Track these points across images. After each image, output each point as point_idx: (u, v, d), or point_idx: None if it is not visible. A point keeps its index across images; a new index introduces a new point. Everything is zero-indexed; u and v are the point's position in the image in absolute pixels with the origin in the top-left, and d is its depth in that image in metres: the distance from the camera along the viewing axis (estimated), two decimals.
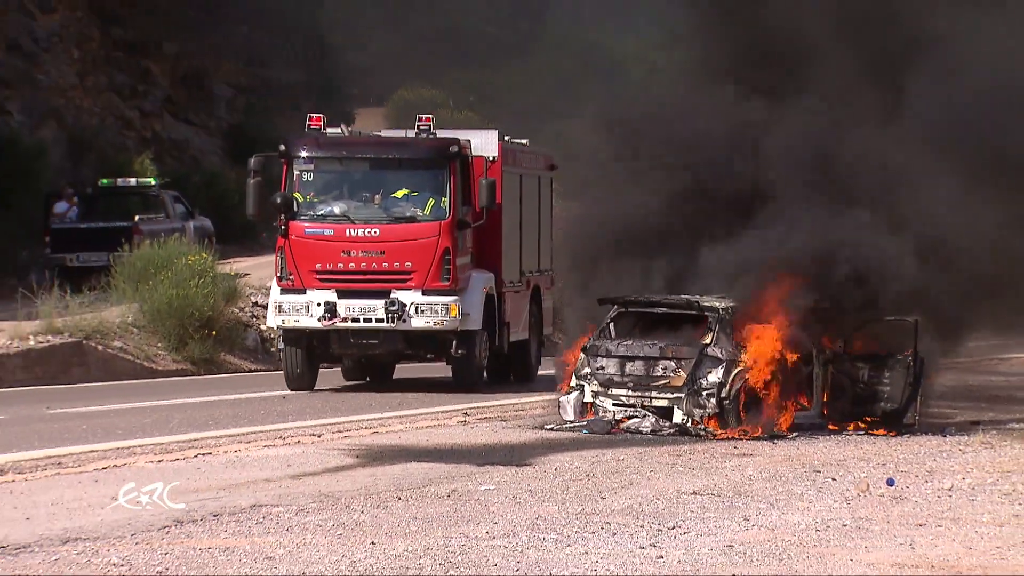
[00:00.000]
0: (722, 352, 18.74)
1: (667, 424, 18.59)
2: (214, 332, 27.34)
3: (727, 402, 18.56)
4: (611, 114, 22.87)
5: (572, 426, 18.77)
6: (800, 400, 19.33)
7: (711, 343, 18.81)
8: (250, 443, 17.08)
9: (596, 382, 18.92)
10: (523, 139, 26.09)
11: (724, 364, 18.66)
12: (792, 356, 18.94)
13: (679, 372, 18.70)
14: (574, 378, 19.10)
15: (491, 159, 23.39)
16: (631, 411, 18.76)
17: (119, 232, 30.57)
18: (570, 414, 18.93)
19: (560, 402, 19.12)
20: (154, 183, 33.97)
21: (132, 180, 34.35)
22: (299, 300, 22.17)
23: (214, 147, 44.13)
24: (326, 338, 22.41)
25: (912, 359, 19.50)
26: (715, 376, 18.62)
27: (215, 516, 12.22)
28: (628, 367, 18.88)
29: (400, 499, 13.26)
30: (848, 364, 19.55)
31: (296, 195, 22.39)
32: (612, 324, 19.39)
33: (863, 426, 19.34)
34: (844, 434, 19.03)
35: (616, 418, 18.72)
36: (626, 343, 19.07)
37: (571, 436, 18.23)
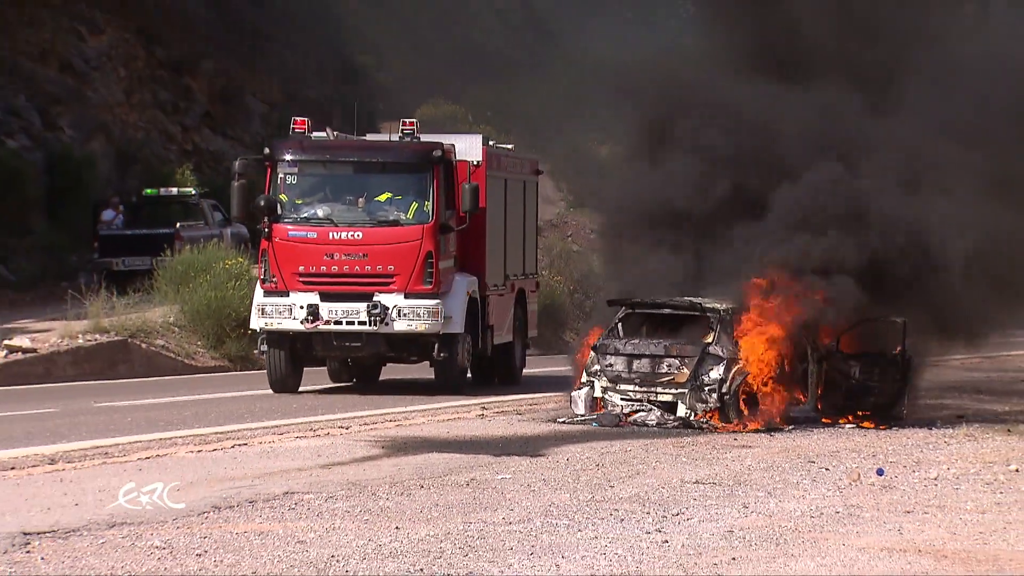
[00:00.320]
0: (723, 350, 18.71)
1: (671, 418, 18.56)
2: (250, 331, 27.30)
3: (727, 397, 18.53)
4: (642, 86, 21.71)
5: (583, 419, 18.75)
6: (796, 395, 19.30)
7: (712, 342, 18.78)
8: (283, 435, 17.08)
9: (605, 378, 18.90)
10: (509, 144, 25.13)
11: (725, 362, 18.64)
12: (788, 354, 18.91)
13: (683, 369, 18.67)
14: (585, 374, 19.09)
15: (475, 163, 22.17)
16: (638, 405, 18.74)
17: (162, 238, 30.60)
18: (581, 408, 18.91)
19: (572, 397, 19.11)
20: (194, 192, 34.00)
21: (174, 190, 34.40)
22: (282, 302, 21.07)
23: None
24: (309, 340, 21.26)
25: (900, 357, 19.47)
26: (716, 373, 18.59)
27: (250, 502, 12.23)
28: (635, 364, 18.86)
29: (422, 487, 13.26)
30: (841, 361, 19.51)
31: (280, 198, 21.27)
32: (620, 324, 19.37)
33: (855, 419, 19.31)
34: (837, 427, 18.99)
35: (624, 412, 18.70)
36: (633, 342, 19.05)
37: (582, 429, 18.22)
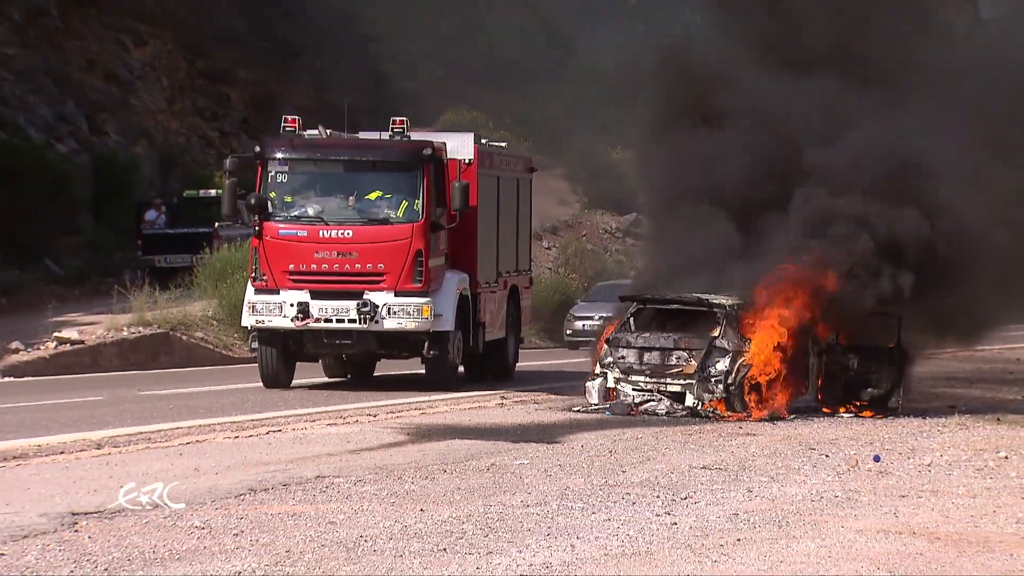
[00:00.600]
0: (729, 344, 18.67)
1: (680, 407, 18.53)
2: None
3: (733, 388, 18.50)
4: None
5: (596, 408, 18.73)
6: (798, 386, 19.26)
7: (719, 336, 18.74)
8: (314, 422, 17.08)
9: (618, 370, 18.87)
10: (502, 142, 24.15)
11: (730, 354, 18.60)
12: (791, 347, 18.86)
13: (691, 361, 18.64)
14: (598, 366, 19.07)
15: (467, 162, 21.08)
16: (648, 395, 18.71)
17: (201, 237, 30.63)
18: (595, 398, 18.89)
19: (586, 387, 19.09)
20: None
21: (213, 191, 34.31)
22: (272, 300, 20.02)
23: None
24: (301, 338, 20.29)
25: (896, 350, 19.41)
26: (722, 365, 18.56)
27: (284, 485, 12.23)
28: (646, 357, 18.83)
29: (445, 472, 13.24)
30: (840, 355, 19.47)
31: (271, 196, 20.25)
32: (632, 319, 19.35)
33: (853, 409, 19.26)
34: (836, 416, 18.95)
35: (635, 401, 18.68)
36: (644, 335, 19.02)
37: (596, 417, 18.19)
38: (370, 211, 20.32)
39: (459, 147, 21.10)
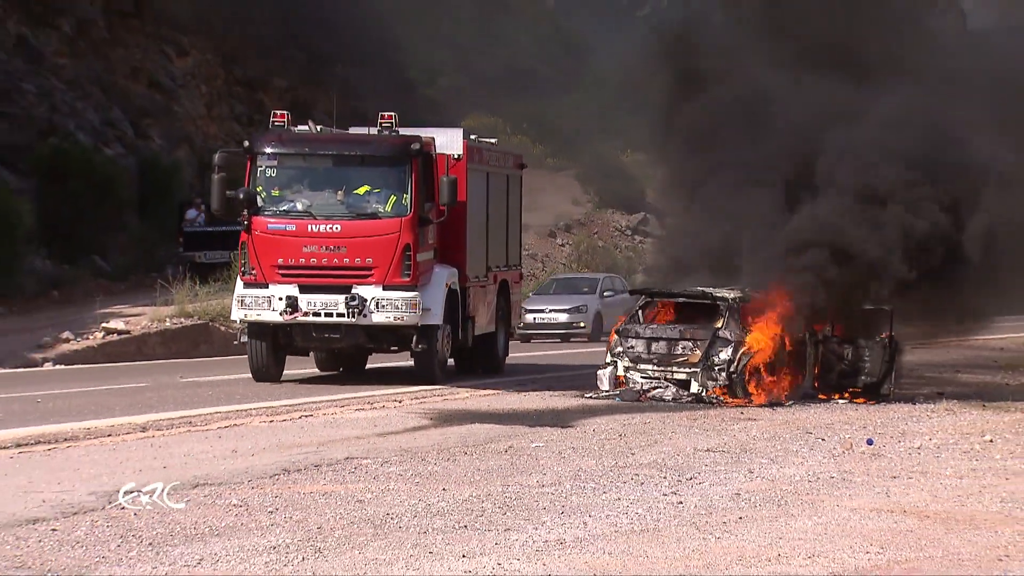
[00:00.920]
0: (731, 334, 18.65)
1: (685, 394, 18.53)
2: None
3: (735, 376, 18.48)
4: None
5: (607, 395, 18.73)
6: (795, 374, 19.24)
7: (722, 327, 18.72)
8: (344, 407, 17.09)
9: (627, 358, 18.87)
10: (492, 139, 22.98)
11: (733, 344, 18.58)
12: (789, 338, 18.84)
13: (695, 351, 18.63)
14: (609, 355, 19.07)
15: (456, 157, 20.06)
16: (656, 383, 18.71)
17: (238, 234, 30.60)
18: (605, 385, 18.89)
19: (597, 375, 19.09)
20: None
21: None
22: (261, 294, 19.06)
23: None
24: (290, 331, 19.36)
25: (888, 341, 19.38)
26: (725, 354, 18.54)
27: (316, 466, 12.25)
28: (654, 346, 18.82)
29: (466, 454, 13.26)
30: (835, 345, 19.43)
31: (260, 190, 19.32)
32: (640, 311, 19.35)
33: (847, 396, 19.23)
34: (832, 402, 18.91)
35: (643, 388, 18.68)
36: (652, 327, 19.02)
37: (606, 403, 18.19)
38: (358, 206, 19.33)
39: (448, 142, 20.15)
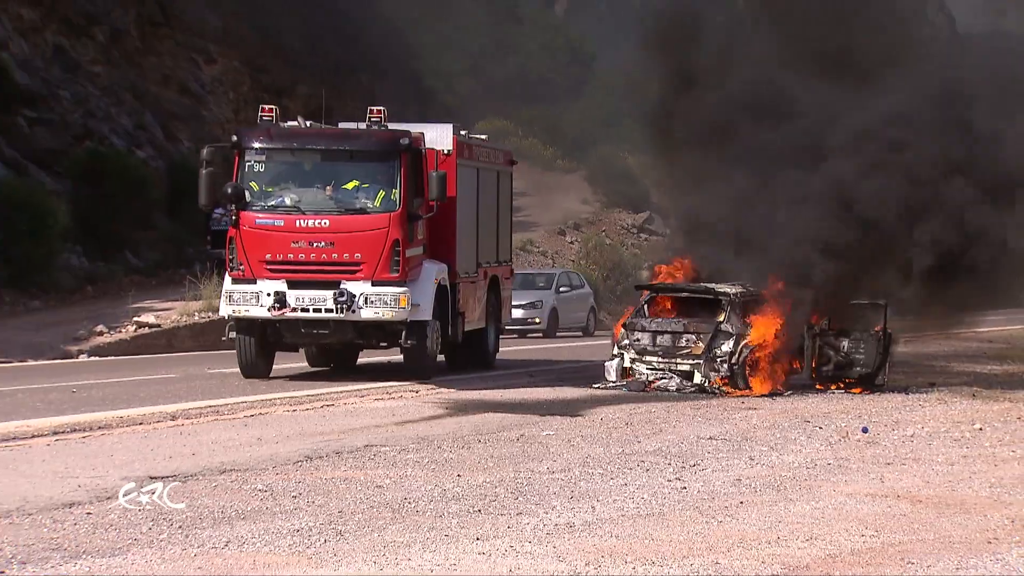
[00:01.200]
0: (733, 328, 18.61)
1: (689, 384, 18.49)
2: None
3: (736, 367, 18.44)
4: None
5: (614, 385, 18.70)
6: (794, 365, 19.20)
7: (724, 321, 18.69)
8: (364, 397, 17.09)
9: (633, 351, 18.84)
10: (483, 135, 22.15)
11: (734, 337, 18.55)
12: (787, 332, 18.80)
13: (699, 343, 18.60)
14: (616, 347, 19.04)
15: (445, 152, 19.17)
16: (661, 374, 18.68)
17: None
18: (613, 376, 18.86)
19: (605, 366, 19.06)
20: None
21: None
22: (249, 290, 18.10)
23: None
24: (278, 327, 18.42)
25: (882, 334, 19.33)
26: (727, 347, 18.50)
27: (337, 453, 12.25)
28: (659, 339, 18.80)
29: (480, 441, 13.25)
30: (832, 337, 19.38)
31: (250, 185, 18.37)
32: (646, 305, 19.31)
33: (843, 386, 19.18)
34: (828, 393, 18.87)
35: (649, 379, 18.65)
36: (657, 320, 18.98)
37: (614, 393, 18.17)
38: (347, 201, 18.26)
39: (437, 137, 19.23)
